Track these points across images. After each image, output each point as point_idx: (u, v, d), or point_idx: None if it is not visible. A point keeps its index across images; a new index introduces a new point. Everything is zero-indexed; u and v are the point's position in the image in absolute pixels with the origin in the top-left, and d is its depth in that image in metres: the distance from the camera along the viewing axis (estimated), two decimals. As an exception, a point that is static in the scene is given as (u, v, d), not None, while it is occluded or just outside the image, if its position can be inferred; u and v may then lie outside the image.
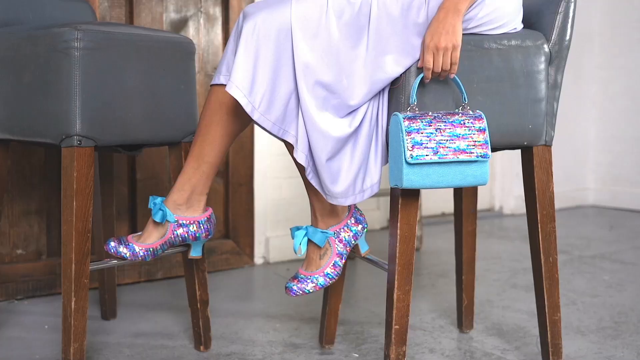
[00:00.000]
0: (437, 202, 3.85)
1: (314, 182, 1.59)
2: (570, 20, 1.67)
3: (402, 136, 1.47)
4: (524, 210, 4.13)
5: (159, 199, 1.69)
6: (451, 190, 3.73)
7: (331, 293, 1.89)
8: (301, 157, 1.54)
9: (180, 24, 2.54)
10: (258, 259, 2.82)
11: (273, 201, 2.83)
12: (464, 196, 1.98)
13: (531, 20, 1.72)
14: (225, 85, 1.62)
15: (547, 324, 1.71)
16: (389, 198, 3.49)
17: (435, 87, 1.56)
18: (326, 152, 1.53)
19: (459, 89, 1.55)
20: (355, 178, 1.57)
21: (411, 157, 1.47)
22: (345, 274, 1.90)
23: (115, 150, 1.77)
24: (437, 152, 1.48)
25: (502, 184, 4.10)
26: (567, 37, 1.68)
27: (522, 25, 1.68)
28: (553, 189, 1.70)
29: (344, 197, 1.58)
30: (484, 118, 1.52)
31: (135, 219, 2.51)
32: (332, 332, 1.92)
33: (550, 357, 1.71)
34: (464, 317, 2.04)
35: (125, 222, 2.49)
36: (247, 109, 1.51)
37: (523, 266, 2.85)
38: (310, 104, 1.51)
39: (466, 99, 1.54)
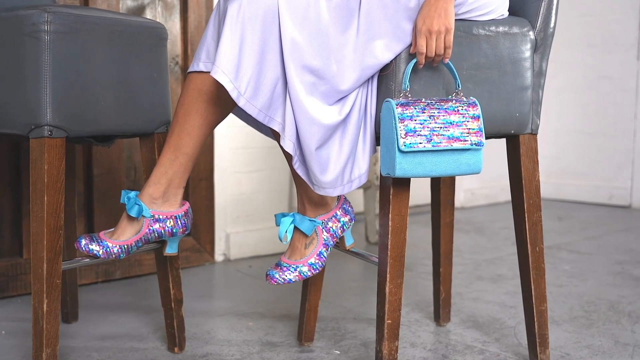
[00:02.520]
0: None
1: (300, 172, 1.52)
2: (554, 7, 1.65)
3: (395, 123, 1.42)
4: (473, 203, 4.15)
5: (132, 193, 1.60)
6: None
7: (311, 288, 1.83)
8: (289, 145, 1.47)
9: (137, 12, 2.42)
10: (218, 256, 2.73)
11: (233, 196, 2.74)
12: (442, 187, 1.94)
13: (515, 7, 1.68)
14: (204, 72, 1.54)
15: (534, 314, 1.68)
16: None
17: (426, 74, 1.51)
18: (316, 140, 1.46)
19: (452, 74, 1.50)
20: (344, 168, 1.51)
21: (404, 145, 1.41)
22: (325, 268, 1.84)
23: (87, 142, 1.66)
24: (431, 139, 1.43)
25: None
26: (552, 25, 1.65)
27: (508, 12, 1.65)
28: (539, 178, 1.68)
29: (332, 187, 1.51)
30: (478, 105, 1.48)
31: (92, 217, 2.38)
32: (312, 329, 1.85)
33: (538, 348, 1.69)
34: (441, 310, 2.00)
35: (81, 220, 2.36)
36: (233, 94, 1.43)
37: (484, 258, 2.84)
38: (299, 88, 1.44)
39: (460, 85, 1.50)
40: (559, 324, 2.03)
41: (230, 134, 2.69)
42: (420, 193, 3.78)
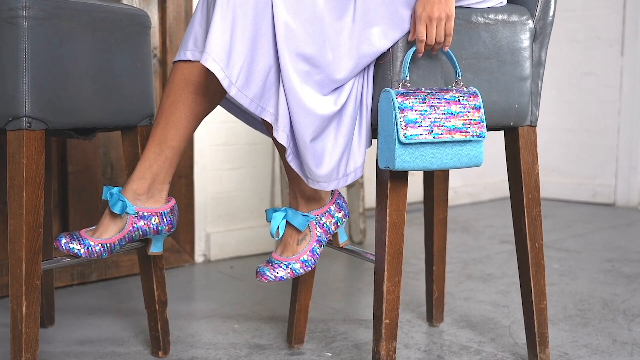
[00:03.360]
0: (368, 194, 3.78)
1: (293, 165, 1.48)
2: (553, -5, 1.63)
3: (395, 114, 1.39)
4: (456, 201, 4.14)
5: (115, 189, 1.54)
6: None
7: (301, 288, 1.79)
8: (282, 136, 1.42)
9: (113, 1, 2.36)
10: (198, 257, 2.68)
11: (213, 194, 2.69)
12: (435, 182, 1.91)
13: (513, -5, 1.66)
14: (192, 61, 1.49)
15: (534, 312, 1.66)
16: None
17: (424, 63, 1.48)
18: (311, 131, 1.42)
19: (451, 63, 1.47)
20: (339, 161, 1.47)
21: (405, 137, 1.38)
22: (315, 267, 1.80)
23: (67, 135, 1.61)
24: (432, 131, 1.40)
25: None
26: (551, 13, 1.63)
27: (506, 0, 1.63)
28: (538, 172, 1.65)
29: (327, 181, 1.47)
30: (479, 95, 1.45)
31: (67, 216, 2.32)
32: (302, 330, 1.81)
33: (537, 347, 1.66)
34: (434, 310, 1.97)
35: (55, 219, 2.30)
36: (224, 83, 1.38)
37: (471, 257, 2.82)
38: (293, 77, 1.40)
39: (460, 75, 1.47)
40: (554, 323, 2.01)
41: (210, 130, 2.64)
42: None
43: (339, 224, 1.62)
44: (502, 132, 1.69)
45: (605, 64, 4.13)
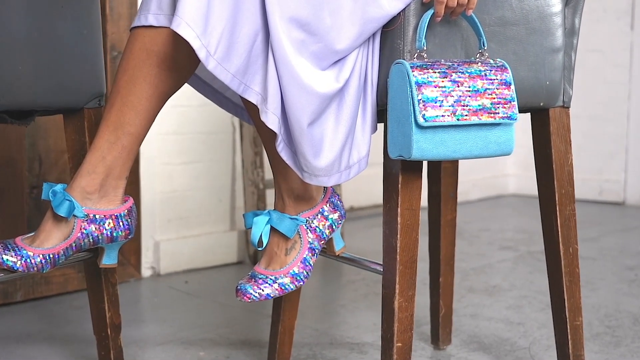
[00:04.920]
0: (347, 192, 3.73)
1: (284, 155, 1.40)
2: (589, -50, 1.59)
3: (411, 91, 1.33)
4: (441, 201, 4.12)
5: (58, 187, 1.46)
6: (360, 180, 3.63)
7: (285, 306, 1.73)
8: (272, 120, 1.35)
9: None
10: (146, 270, 2.60)
11: (162, 194, 2.62)
12: (443, 176, 1.87)
13: (541, -51, 1.62)
14: (155, 27, 1.41)
15: (568, 330, 1.62)
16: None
17: (441, 30, 1.43)
18: (309, 113, 1.35)
19: (475, 30, 1.42)
20: (341, 150, 1.41)
21: (424, 118, 1.32)
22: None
23: (1, 120, 1.52)
24: (455, 111, 1.35)
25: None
26: (586, -29, 1.59)
27: (534, -45, 1.59)
28: (572, 162, 1.61)
29: (327, 174, 1.41)
30: (509, 68, 1.40)
31: (-14, 222, 2.22)
32: (286, 357, 1.75)
33: (573, 373, 1.63)
34: (440, 330, 1.92)
35: (-29, 227, 2.20)
36: (201, 54, 1.30)
37: (470, 266, 2.79)
38: (287, 45, 1.32)
39: (485, 44, 1.42)
40: (580, 343, 1.98)
41: (158, 116, 2.54)
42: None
43: (334, 227, 1.55)
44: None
45: (612, 40, 4.15)
